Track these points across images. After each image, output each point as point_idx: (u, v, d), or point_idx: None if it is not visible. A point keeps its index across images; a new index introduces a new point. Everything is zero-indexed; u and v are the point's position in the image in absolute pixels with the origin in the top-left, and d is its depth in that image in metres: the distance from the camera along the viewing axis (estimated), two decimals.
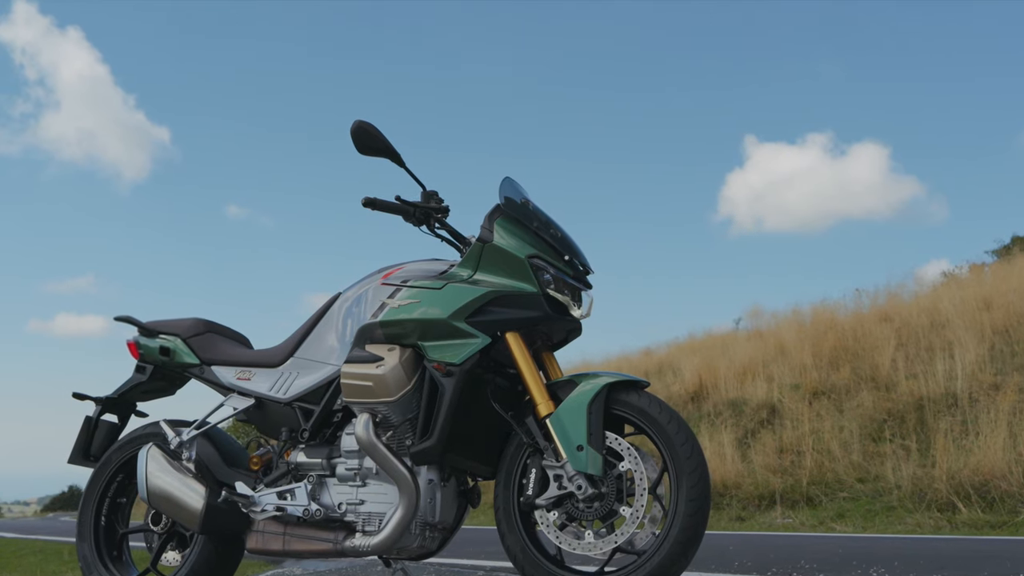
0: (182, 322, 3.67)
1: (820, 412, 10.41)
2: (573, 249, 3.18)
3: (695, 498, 2.79)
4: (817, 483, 8.92)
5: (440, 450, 2.98)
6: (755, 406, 11.52)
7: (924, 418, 9.23)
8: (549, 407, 2.96)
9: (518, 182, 3.32)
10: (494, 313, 3.03)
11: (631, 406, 2.94)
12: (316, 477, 3.23)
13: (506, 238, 3.11)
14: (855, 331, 12.71)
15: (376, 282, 3.27)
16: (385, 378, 3.03)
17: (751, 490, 9.34)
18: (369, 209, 3.15)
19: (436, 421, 2.98)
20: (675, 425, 2.87)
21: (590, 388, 2.93)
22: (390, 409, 3.05)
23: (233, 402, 3.47)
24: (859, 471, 8.86)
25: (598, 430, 2.87)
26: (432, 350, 3.04)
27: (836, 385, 11.11)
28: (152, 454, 3.40)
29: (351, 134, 3.11)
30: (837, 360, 11.96)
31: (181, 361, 3.60)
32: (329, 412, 3.28)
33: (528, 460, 3.04)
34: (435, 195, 3.31)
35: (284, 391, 3.37)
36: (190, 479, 3.33)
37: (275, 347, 3.51)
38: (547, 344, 3.23)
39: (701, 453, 2.86)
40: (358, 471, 3.16)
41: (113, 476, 3.68)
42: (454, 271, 3.16)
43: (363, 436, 3.03)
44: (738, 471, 9.72)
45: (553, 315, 3.05)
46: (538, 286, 3.04)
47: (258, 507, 3.27)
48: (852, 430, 9.59)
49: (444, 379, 2.99)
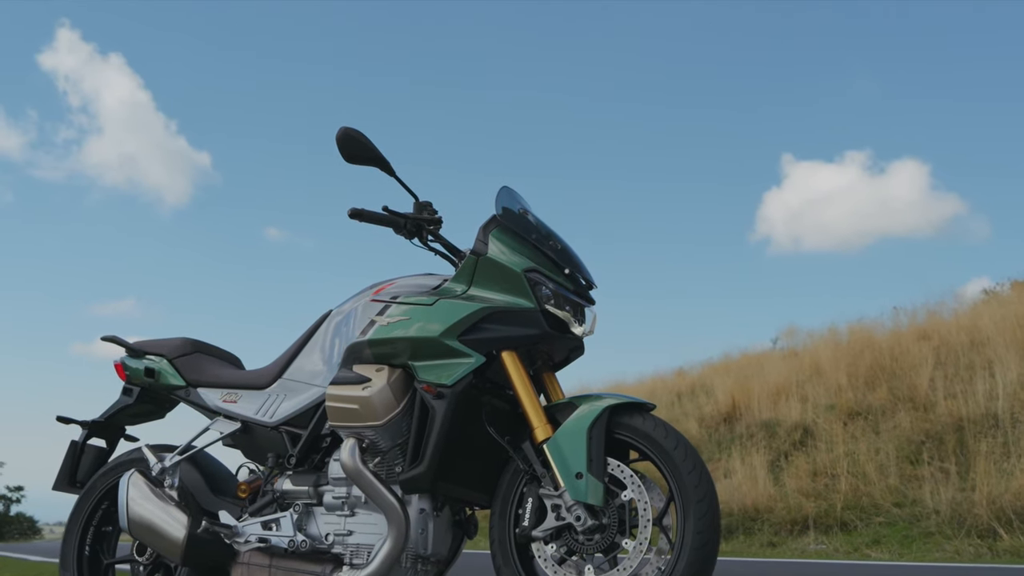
0: (169, 342, 3.51)
1: (855, 434, 10.11)
2: (574, 262, 2.99)
3: (703, 530, 2.58)
4: (852, 508, 8.63)
5: (431, 477, 2.78)
6: (789, 427, 11.23)
7: (964, 440, 8.90)
8: (547, 431, 2.76)
9: (517, 192, 3.14)
10: (489, 330, 2.84)
11: (635, 430, 2.73)
12: (303, 506, 3.05)
13: (502, 251, 2.91)
14: (892, 350, 12.37)
15: (366, 298, 3.09)
16: (372, 400, 2.84)
17: (783, 515, 9.06)
18: (356, 221, 2.97)
19: (426, 447, 2.78)
20: (682, 451, 2.66)
21: (590, 411, 2.72)
22: (378, 434, 2.86)
23: (219, 426, 3.30)
24: (896, 495, 8.55)
25: (599, 456, 2.67)
26: (423, 370, 2.85)
27: (872, 406, 10.79)
28: (134, 481, 3.23)
29: (337, 141, 2.94)
30: (874, 380, 11.64)
31: (166, 383, 3.43)
32: (317, 437, 3.11)
33: (525, 488, 2.84)
34: (428, 206, 3.13)
35: (271, 414, 3.20)
36: (172, 507, 3.16)
37: (263, 368, 3.35)
38: (548, 364, 3.04)
39: (710, 481, 2.65)
40: (346, 500, 2.98)
41: (98, 504, 3.52)
42: (447, 286, 2.97)
43: (348, 462, 2.84)
44: (770, 495, 9.44)
45: (552, 332, 2.85)
46: (536, 301, 2.84)
47: (242, 538, 3.09)
48: (888, 452, 9.29)
49: (435, 401, 2.79)
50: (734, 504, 9.54)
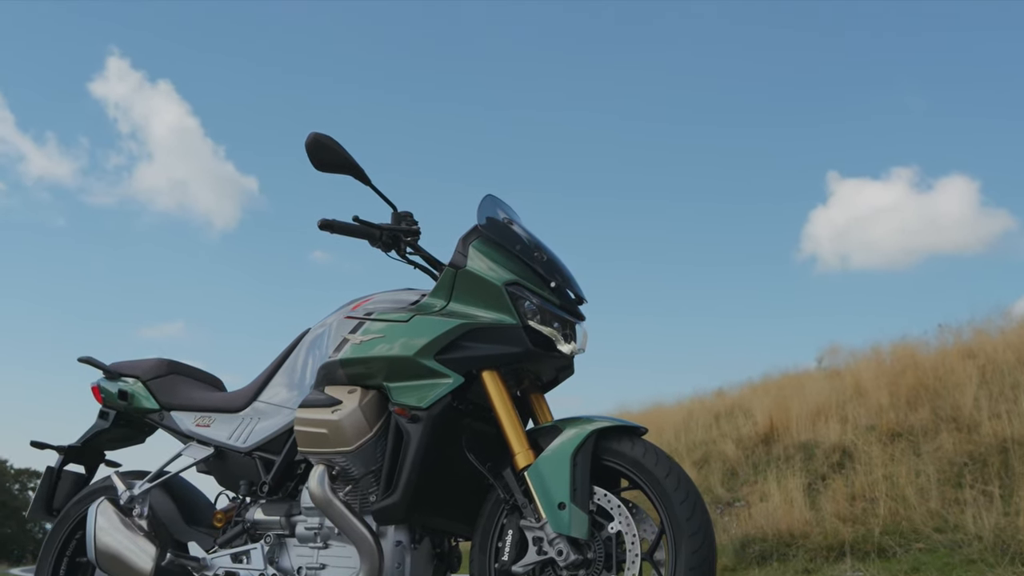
0: (144, 363, 3.35)
1: (895, 455, 9.73)
2: (562, 275, 2.78)
3: (696, 566, 2.35)
4: (891, 533, 8.24)
5: (405, 507, 2.58)
6: (827, 449, 10.84)
7: (1009, 462, 8.50)
8: (528, 457, 2.55)
9: (503, 200, 2.94)
10: (468, 349, 2.63)
11: (623, 456, 2.51)
12: (274, 537, 2.86)
13: (482, 263, 2.71)
14: (936, 369, 11.94)
15: (341, 315, 2.91)
16: (341, 425, 2.65)
17: (819, 540, 8.68)
18: (328, 232, 2.79)
19: (400, 474, 2.58)
20: (674, 479, 2.43)
21: (575, 435, 2.51)
22: (349, 460, 2.67)
23: (192, 451, 3.13)
24: (937, 520, 8.16)
25: (584, 485, 2.45)
26: (397, 392, 2.65)
27: (914, 426, 10.39)
28: (102, 509, 3.07)
29: (306, 148, 2.76)
30: (916, 399, 11.23)
31: (139, 406, 3.27)
32: (291, 463, 2.92)
33: (505, 520, 2.62)
34: (407, 216, 2.94)
35: (244, 439, 3.02)
36: (141, 538, 2.99)
37: (239, 390, 3.17)
38: (536, 384, 2.83)
39: (705, 512, 2.42)
40: (318, 531, 2.78)
41: (72, 533, 3.36)
42: (425, 301, 2.78)
43: (317, 491, 2.65)
44: (806, 519, 9.07)
45: (536, 350, 2.63)
46: (518, 317, 2.63)
47: (210, 571, 2.92)
48: (930, 475, 8.89)
49: (410, 425, 2.60)
50: (769, 529, 9.20)
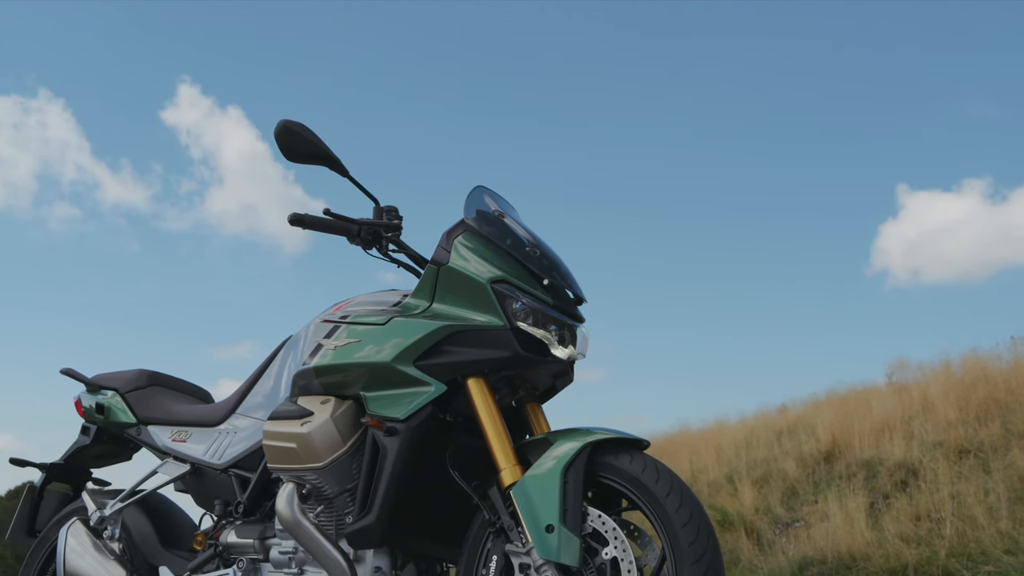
0: (124, 375, 3.15)
1: (963, 473, 9.24)
2: (558, 272, 2.49)
3: None
4: (958, 555, 7.79)
5: (381, 529, 2.32)
6: (891, 467, 10.37)
7: None
8: (515, 474, 2.27)
9: (495, 191, 2.67)
10: (451, 354, 2.37)
11: (621, 472, 2.22)
12: (247, 562, 2.63)
13: (467, 259, 2.44)
14: (1009, 383, 11.40)
15: (318, 320, 2.67)
16: (311, 438, 2.40)
17: (881, 562, 8.24)
18: (299, 228, 2.55)
19: (376, 493, 2.33)
20: (676, 498, 2.14)
21: (567, 449, 2.23)
22: (321, 478, 2.42)
23: (168, 468, 2.92)
24: (1007, 541, 7.69)
25: (575, 505, 2.17)
26: (373, 402, 2.40)
27: (983, 442, 9.88)
28: (73, 531, 2.87)
29: (275, 136, 2.53)
30: (986, 414, 10.71)
31: (117, 420, 3.07)
32: (268, 481, 2.68)
33: (491, 544, 2.35)
34: (391, 211, 2.69)
35: (219, 455, 2.79)
36: (110, 561, 2.79)
37: (220, 402, 2.95)
38: (532, 393, 2.56)
39: (711, 536, 2.12)
40: (292, 555, 2.54)
41: (51, 555, 3.15)
42: (407, 302, 2.52)
43: (285, 512, 2.40)
44: (867, 541, 8.62)
45: (526, 355, 2.35)
46: (506, 318, 2.36)
47: None
48: (1000, 493, 8.40)
49: (386, 439, 2.34)
50: (828, 551, 8.77)
